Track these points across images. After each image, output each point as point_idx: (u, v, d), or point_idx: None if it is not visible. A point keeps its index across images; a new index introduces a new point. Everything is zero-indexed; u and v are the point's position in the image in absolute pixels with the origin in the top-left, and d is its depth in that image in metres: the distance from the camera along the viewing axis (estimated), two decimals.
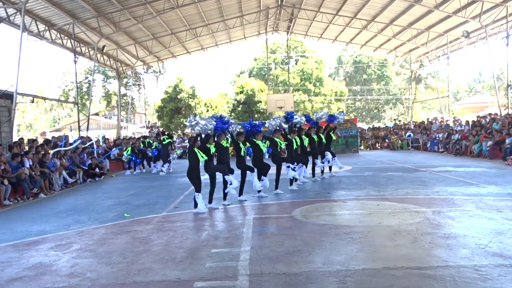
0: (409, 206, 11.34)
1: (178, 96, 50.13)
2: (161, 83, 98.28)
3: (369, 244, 8.31)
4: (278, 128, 14.55)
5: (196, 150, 11.55)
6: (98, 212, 12.68)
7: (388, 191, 13.76)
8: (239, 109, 51.60)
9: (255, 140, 13.38)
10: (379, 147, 39.58)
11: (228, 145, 12.50)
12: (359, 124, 48.69)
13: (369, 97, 69.39)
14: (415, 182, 15.54)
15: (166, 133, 27.06)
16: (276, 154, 14.17)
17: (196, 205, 11.86)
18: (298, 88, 60.11)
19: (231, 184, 11.70)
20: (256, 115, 50.60)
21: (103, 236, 9.92)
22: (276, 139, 14.19)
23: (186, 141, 27.03)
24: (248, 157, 17.38)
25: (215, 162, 12.24)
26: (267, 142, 14.28)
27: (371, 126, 49.46)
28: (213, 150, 11.84)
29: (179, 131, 48.55)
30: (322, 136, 17.26)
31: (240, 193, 13.15)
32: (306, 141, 16.12)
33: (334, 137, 18.22)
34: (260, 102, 51.14)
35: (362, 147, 39.20)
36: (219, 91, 79.29)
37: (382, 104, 69.21)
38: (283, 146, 14.39)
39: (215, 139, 12.01)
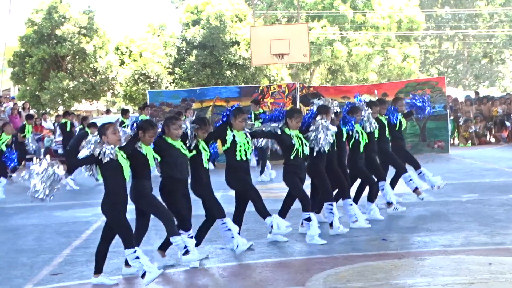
0: None
1: (57, 32, 36.22)
2: (20, 4, 76.71)
3: None
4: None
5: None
6: None
7: (511, 234, 10.87)
8: (191, 59, 38.48)
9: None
10: (492, 140, 30.03)
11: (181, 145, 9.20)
12: (449, 90, 35.16)
13: (472, 32, 56.85)
14: None
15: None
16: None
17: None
18: (318, 13, 44.88)
19: (185, 251, 8.65)
20: (227, 73, 38.05)
21: None
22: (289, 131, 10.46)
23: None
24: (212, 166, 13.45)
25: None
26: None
27: (474, 96, 34.40)
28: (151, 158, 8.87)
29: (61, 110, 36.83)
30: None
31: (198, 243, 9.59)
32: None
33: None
34: (237, 44, 38.59)
35: (456, 140, 30.17)
36: (148, 22, 46.34)
37: (499, 46, 55.97)
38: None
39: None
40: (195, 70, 38.93)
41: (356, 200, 12.13)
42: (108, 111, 36.58)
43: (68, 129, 22.66)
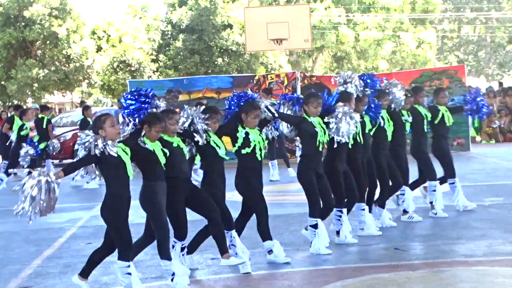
0: None
1: (25, 14, 36.46)
2: None
3: None
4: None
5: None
6: None
7: None
8: (177, 45, 38.94)
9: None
10: None
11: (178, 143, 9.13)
12: (470, 80, 35.93)
13: (495, 15, 57.42)
14: None
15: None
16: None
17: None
18: None
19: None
20: (218, 60, 38.87)
21: None
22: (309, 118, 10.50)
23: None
24: None
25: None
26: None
27: (497, 88, 35.37)
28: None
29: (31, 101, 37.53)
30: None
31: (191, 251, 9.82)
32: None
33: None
34: (230, 27, 39.15)
35: (479, 137, 30.08)
36: (129, 2, 47.55)
37: None
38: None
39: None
40: (182, 57, 39.10)
41: (369, 204, 12.21)
42: (82, 104, 36.58)
43: (44, 125, 22.67)
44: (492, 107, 30.39)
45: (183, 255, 9.20)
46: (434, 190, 13.20)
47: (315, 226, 10.53)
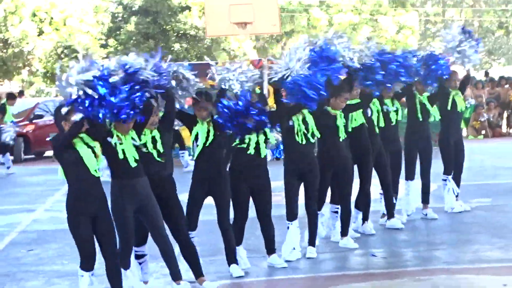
0: None
1: None
2: None
3: None
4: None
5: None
6: None
7: None
8: (129, 28, 39.19)
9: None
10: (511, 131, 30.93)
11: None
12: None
13: None
14: None
15: None
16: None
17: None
18: None
19: None
20: (175, 46, 39.30)
21: None
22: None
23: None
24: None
25: None
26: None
27: (485, 78, 36.14)
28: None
29: None
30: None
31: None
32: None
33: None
34: (188, 9, 39.34)
35: (464, 131, 29.65)
36: None
37: None
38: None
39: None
40: (134, 42, 39.28)
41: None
42: (21, 93, 36.39)
43: None
44: (481, 99, 30.81)
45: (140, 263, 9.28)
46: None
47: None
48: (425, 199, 13.77)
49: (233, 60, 36.27)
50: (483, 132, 29.97)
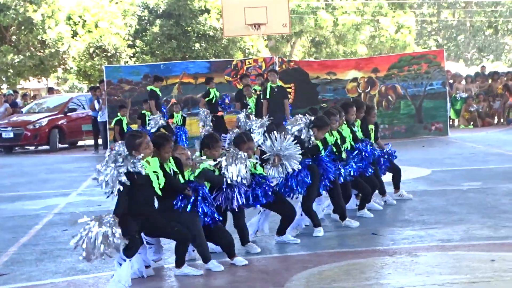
0: None
1: None
2: None
3: None
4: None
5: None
6: None
7: None
8: (154, 30, 38.75)
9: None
10: (502, 121, 30.14)
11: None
12: (449, 65, 36.37)
13: None
14: None
15: None
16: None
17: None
18: None
19: None
20: (195, 46, 38.27)
21: None
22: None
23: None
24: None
25: None
26: None
27: (477, 71, 35.15)
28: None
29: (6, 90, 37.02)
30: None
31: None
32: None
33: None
34: (207, 12, 38.88)
35: (456, 121, 30.65)
36: None
37: (506, 15, 55.48)
38: None
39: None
40: (158, 43, 38.87)
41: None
42: (51, 90, 36.41)
43: None
44: (470, 92, 30.53)
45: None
46: None
47: None
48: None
49: (247, 57, 36.15)
50: (474, 122, 29.55)
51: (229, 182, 9.40)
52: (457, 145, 23.70)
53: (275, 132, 10.35)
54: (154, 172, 8.50)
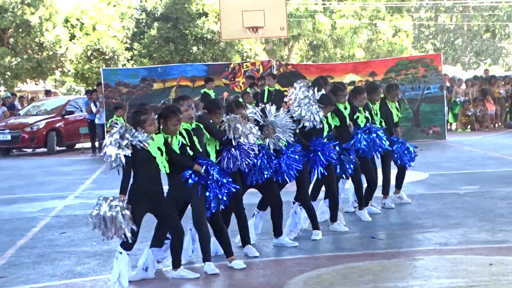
0: None
1: None
2: None
3: None
4: None
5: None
6: None
7: None
8: (152, 33, 38.73)
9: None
10: (502, 125, 30.30)
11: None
12: (446, 69, 36.75)
13: (472, 3, 55.13)
14: None
15: None
16: None
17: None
18: None
19: None
20: (193, 49, 38.32)
21: None
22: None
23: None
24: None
25: None
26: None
27: (475, 75, 35.87)
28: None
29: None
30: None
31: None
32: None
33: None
34: (205, 15, 38.81)
35: (453, 125, 30.80)
36: None
37: (503, 20, 55.92)
38: None
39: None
40: (156, 46, 38.88)
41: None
42: (48, 93, 36.36)
43: None
44: (469, 96, 30.53)
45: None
46: None
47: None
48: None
49: (245, 60, 36.14)
50: (471, 125, 29.58)
51: (234, 143, 9.38)
52: (455, 149, 23.68)
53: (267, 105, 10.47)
54: (159, 148, 8.45)
